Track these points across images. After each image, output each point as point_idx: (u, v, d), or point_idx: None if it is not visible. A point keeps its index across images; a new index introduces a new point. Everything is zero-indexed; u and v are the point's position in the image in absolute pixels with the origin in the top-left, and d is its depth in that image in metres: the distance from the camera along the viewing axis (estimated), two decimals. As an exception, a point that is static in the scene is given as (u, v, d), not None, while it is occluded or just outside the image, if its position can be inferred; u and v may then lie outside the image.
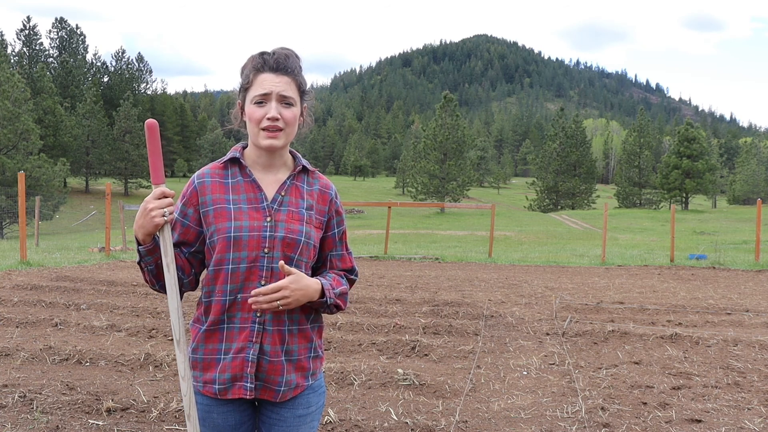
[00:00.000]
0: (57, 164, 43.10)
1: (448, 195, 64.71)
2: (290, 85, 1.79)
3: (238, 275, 1.76)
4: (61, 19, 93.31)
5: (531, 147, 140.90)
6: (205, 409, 1.81)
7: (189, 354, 1.83)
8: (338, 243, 1.95)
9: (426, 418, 3.91)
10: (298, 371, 1.84)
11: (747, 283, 11.08)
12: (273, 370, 1.79)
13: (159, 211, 1.67)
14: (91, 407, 3.88)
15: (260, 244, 1.76)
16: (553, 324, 6.88)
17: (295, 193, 1.86)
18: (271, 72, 1.78)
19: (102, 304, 7.35)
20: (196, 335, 1.83)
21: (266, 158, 1.85)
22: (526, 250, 20.96)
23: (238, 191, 1.81)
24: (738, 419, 3.90)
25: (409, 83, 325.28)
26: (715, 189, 78.07)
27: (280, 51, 1.82)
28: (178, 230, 1.83)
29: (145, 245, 1.73)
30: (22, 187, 11.91)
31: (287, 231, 1.79)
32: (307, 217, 1.84)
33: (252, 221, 1.77)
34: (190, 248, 1.84)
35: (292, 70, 1.81)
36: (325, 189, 1.92)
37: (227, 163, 1.86)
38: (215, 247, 1.78)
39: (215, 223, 1.78)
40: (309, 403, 1.88)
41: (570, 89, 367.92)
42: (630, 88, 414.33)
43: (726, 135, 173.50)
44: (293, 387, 1.83)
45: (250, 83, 1.80)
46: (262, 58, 1.80)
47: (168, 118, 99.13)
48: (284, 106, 1.78)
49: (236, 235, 1.75)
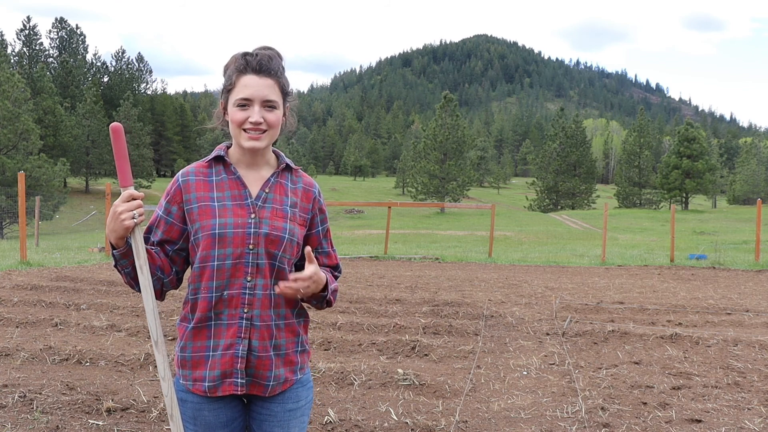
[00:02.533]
0: (57, 164, 43.07)
1: (448, 195, 64.70)
2: (273, 88, 1.79)
3: (223, 272, 1.77)
4: (61, 19, 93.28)
5: (531, 147, 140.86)
6: (195, 407, 1.81)
7: (178, 353, 1.84)
8: (323, 240, 1.97)
9: (426, 418, 3.91)
10: (286, 365, 1.85)
11: (747, 283, 11.08)
12: (262, 365, 1.80)
13: (128, 214, 1.67)
14: (91, 407, 3.88)
15: (245, 240, 1.77)
16: (553, 324, 6.88)
17: (279, 190, 1.87)
18: (254, 74, 1.78)
19: (102, 304, 7.35)
20: (183, 333, 1.83)
21: (249, 157, 1.85)
22: (526, 250, 20.96)
23: (223, 188, 1.82)
24: (738, 419, 3.90)
25: (409, 83, 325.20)
26: (715, 189, 78.10)
27: (263, 52, 1.80)
28: (162, 228, 1.83)
29: (118, 249, 1.73)
30: (22, 187, 11.91)
31: (271, 228, 1.80)
32: (291, 215, 1.85)
33: (237, 218, 1.78)
34: (173, 246, 1.84)
35: (275, 71, 1.80)
36: (309, 187, 1.94)
37: (211, 161, 1.87)
38: (200, 244, 1.79)
39: (200, 220, 1.78)
40: (298, 397, 1.89)
41: (570, 89, 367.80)
42: (630, 88, 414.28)
43: (726, 135, 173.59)
44: (282, 381, 1.84)
45: (233, 85, 1.79)
46: (245, 59, 1.79)
47: (168, 118, 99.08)
48: (267, 110, 1.79)
49: (221, 232, 1.76)
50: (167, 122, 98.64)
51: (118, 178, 1.74)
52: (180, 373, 1.85)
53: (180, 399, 1.83)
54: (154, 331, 1.74)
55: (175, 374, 1.88)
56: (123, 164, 1.72)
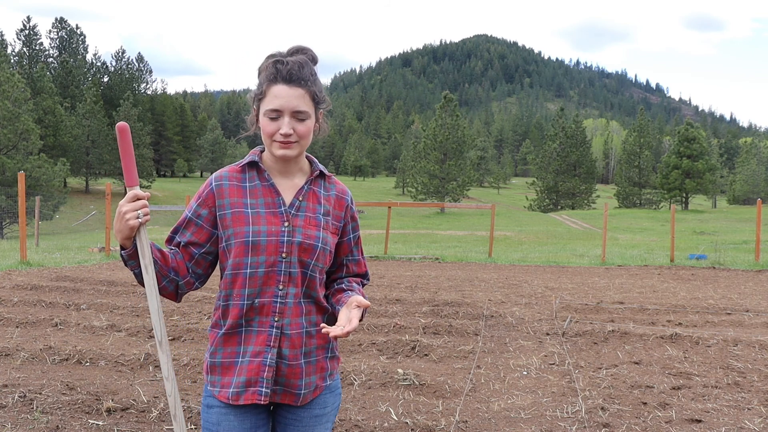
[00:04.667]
0: (57, 164, 43.08)
1: (448, 195, 64.71)
2: (303, 98, 1.76)
3: (256, 280, 1.76)
4: (61, 19, 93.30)
5: (531, 147, 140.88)
6: (221, 413, 1.80)
7: (208, 358, 1.83)
8: (354, 248, 1.96)
9: (426, 418, 3.91)
10: (317, 372, 1.84)
11: (747, 283, 11.08)
12: (293, 373, 1.78)
13: (133, 214, 1.66)
14: (91, 407, 3.88)
15: (278, 248, 1.76)
16: (553, 324, 6.88)
17: (312, 198, 1.85)
18: (285, 83, 1.74)
19: (102, 304, 7.35)
20: (214, 339, 1.82)
21: (282, 165, 1.84)
22: (526, 250, 20.96)
23: (256, 195, 1.81)
24: (738, 419, 3.90)
25: (409, 83, 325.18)
26: (715, 189, 78.07)
27: (294, 59, 1.76)
28: (191, 230, 1.82)
29: (126, 250, 1.71)
30: (22, 187, 11.91)
31: (304, 236, 1.78)
32: (324, 223, 1.84)
33: (270, 226, 1.77)
34: (200, 249, 1.83)
35: (305, 80, 1.76)
36: (342, 195, 1.92)
37: (245, 166, 1.85)
38: (232, 251, 1.77)
39: (233, 226, 1.77)
40: (325, 403, 1.88)
41: (570, 89, 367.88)
42: (630, 88, 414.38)
43: (726, 135, 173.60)
44: (312, 389, 1.83)
45: (264, 94, 1.77)
46: (276, 68, 1.75)
47: (168, 118, 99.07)
48: (298, 121, 1.76)
49: (254, 240, 1.75)
50: (167, 122, 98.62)
51: (124, 177, 1.72)
52: (208, 379, 1.84)
53: (206, 405, 1.82)
54: (159, 331, 1.73)
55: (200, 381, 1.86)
56: (129, 164, 1.71)
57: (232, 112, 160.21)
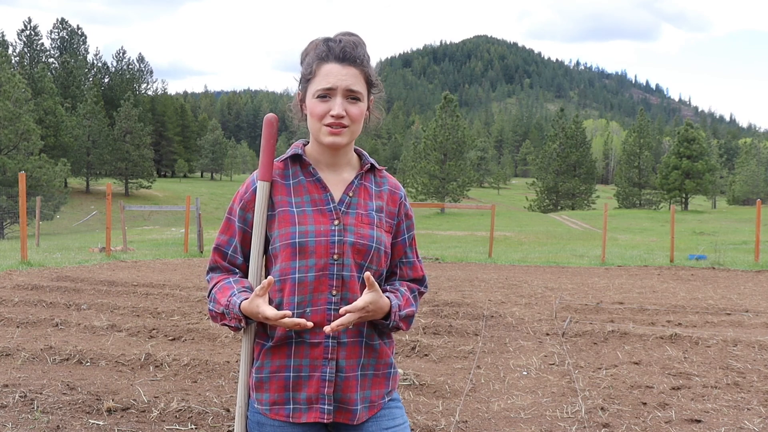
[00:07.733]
0: (58, 164, 43.14)
1: (448, 195, 64.70)
2: (358, 78, 1.62)
3: (305, 285, 1.59)
4: (62, 20, 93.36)
5: (531, 147, 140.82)
6: (276, 431, 1.64)
7: (253, 374, 1.67)
8: (408, 249, 1.77)
9: (426, 418, 3.91)
10: (374, 387, 1.67)
11: (747, 283, 11.08)
12: (348, 386, 1.62)
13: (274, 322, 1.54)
14: (92, 407, 3.89)
15: (329, 250, 1.59)
16: (553, 324, 6.88)
17: (363, 194, 1.68)
18: (337, 62, 1.59)
19: (102, 304, 7.35)
20: (260, 352, 1.65)
21: (330, 156, 1.67)
22: (526, 251, 20.96)
23: (301, 193, 1.65)
24: (738, 419, 3.90)
25: (409, 84, 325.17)
26: (715, 189, 78.16)
27: (347, 38, 1.62)
28: (239, 238, 1.67)
29: (241, 321, 1.59)
30: (23, 188, 11.92)
31: (357, 236, 1.61)
32: (377, 221, 1.66)
33: (318, 225, 1.60)
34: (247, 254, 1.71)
35: (360, 60, 1.62)
36: (395, 190, 1.75)
37: (287, 161, 1.69)
38: (278, 255, 1.62)
39: (278, 228, 1.61)
40: (394, 414, 1.69)
41: (570, 90, 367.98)
42: (630, 88, 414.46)
43: (726, 135, 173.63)
44: (369, 406, 1.65)
45: (313, 74, 1.61)
46: (327, 45, 1.61)
47: (168, 119, 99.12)
48: (350, 102, 1.61)
49: (301, 241, 1.58)
50: (168, 122, 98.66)
51: (259, 169, 1.64)
52: (255, 396, 1.66)
53: (256, 422, 1.66)
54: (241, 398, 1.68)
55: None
56: (267, 158, 1.63)
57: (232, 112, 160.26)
